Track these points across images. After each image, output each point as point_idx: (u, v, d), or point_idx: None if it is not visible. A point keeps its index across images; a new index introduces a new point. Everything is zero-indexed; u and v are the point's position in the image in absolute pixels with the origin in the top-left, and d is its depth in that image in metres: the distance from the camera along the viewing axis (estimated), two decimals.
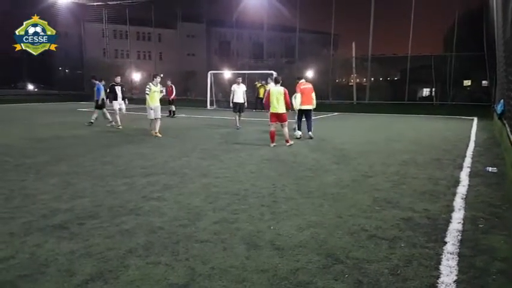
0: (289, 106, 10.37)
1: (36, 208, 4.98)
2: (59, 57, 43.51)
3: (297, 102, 11.64)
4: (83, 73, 39.68)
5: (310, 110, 12.00)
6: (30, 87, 42.99)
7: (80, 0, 36.06)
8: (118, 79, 14.99)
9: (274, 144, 10.19)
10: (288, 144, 10.18)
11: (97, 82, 14.63)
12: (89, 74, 37.40)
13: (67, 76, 44.03)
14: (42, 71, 40.00)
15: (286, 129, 10.35)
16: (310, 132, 11.85)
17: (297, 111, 11.86)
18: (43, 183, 6.23)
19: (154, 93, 12.20)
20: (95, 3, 37.07)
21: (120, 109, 14.76)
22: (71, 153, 9.01)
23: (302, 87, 11.84)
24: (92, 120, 14.72)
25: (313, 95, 11.96)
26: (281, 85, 10.32)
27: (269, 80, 9.93)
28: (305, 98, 11.74)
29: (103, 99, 14.47)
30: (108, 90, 14.92)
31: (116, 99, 14.75)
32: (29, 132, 12.85)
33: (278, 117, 10.22)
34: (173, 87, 20.16)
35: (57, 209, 4.96)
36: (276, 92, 10.15)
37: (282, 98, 10.11)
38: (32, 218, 4.60)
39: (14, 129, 13.74)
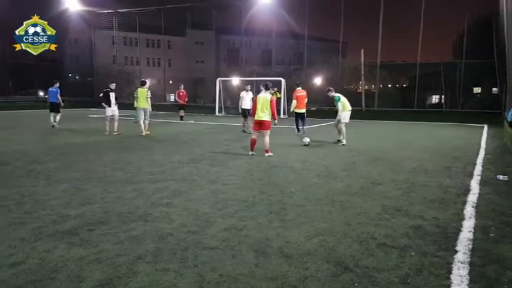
0: (275, 116, 9.88)
1: (46, 214, 5.02)
2: (70, 64, 44.09)
3: (292, 106, 14.53)
4: (93, 80, 40.06)
5: (303, 113, 14.41)
6: (41, 93, 43.42)
7: (91, 8, 36.50)
8: (113, 85, 14.76)
9: (253, 152, 9.84)
10: (266, 154, 9.68)
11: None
12: (100, 80, 37.82)
13: (77, 83, 44.47)
14: (52, 78, 40.36)
15: (267, 139, 9.78)
16: (304, 127, 14.36)
17: (293, 114, 14.39)
18: (53, 189, 6.28)
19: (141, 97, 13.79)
20: (106, 11, 37.51)
21: (113, 116, 14.45)
22: (81, 159, 9.08)
23: (298, 94, 14.29)
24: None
25: (305, 100, 14.39)
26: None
27: (261, 87, 10.42)
28: (299, 103, 14.23)
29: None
30: (101, 95, 14.74)
31: (109, 105, 14.44)
32: (39, 138, 12.98)
33: (261, 125, 9.80)
34: (185, 92, 20.85)
35: (67, 214, 4.99)
36: (262, 99, 9.75)
37: (267, 106, 9.68)
38: (42, 224, 4.64)
39: (25, 135, 13.89)
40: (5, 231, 4.39)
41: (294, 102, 14.36)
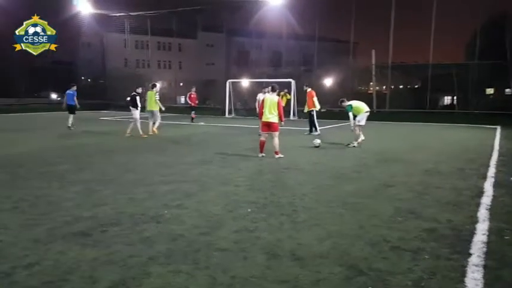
0: (282, 118, 9.85)
1: (59, 215, 5.07)
2: (82, 67, 44.52)
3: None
4: (105, 82, 40.42)
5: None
6: (54, 96, 43.97)
7: (103, 11, 36.84)
8: (139, 90, 15.31)
9: (263, 154, 9.82)
10: (277, 156, 9.63)
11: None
12: (112, 83, 38.16)
13: (90, 85, 44.91)
14: (65, 80, 40.85)
15: (276, 140, 9.73)
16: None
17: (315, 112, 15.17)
18: (66, 191, 6.34)
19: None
20: (118, 14, 37.82)
21: (135, 118, 14.75)
22: (93, 161, 9.17)
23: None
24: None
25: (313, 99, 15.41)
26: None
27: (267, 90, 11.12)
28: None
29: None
30: (128, 99, 15.24)
31: (136, 108, 14.90)
32: (52, 140, 13.14)
33: (269, 127, 9.77)
34: (196, 94, 21.27)
35: (80, 216, 5.04)
36: (269, 100, 9.73)
37: (275, 107, 9.64)
38: (56, 225, 4.68)
39: (38, 137, 14.07)
40: (19, 233, 4.45)
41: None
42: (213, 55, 46.87)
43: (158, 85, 15.86)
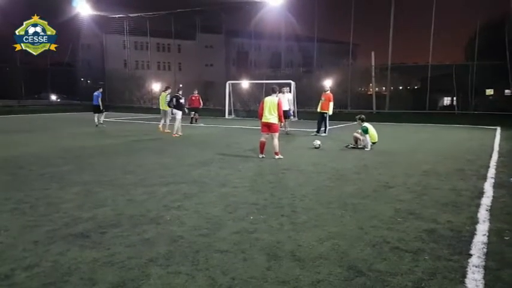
0: (281, 119, 9.93)
1: (59, 217, 5.06)
2: (82, 68, 44.57)
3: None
4: (105, 84, 40.44)
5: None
6: (53, 97, 43.96)
7: (102, 13, 36.87)
8: (180, 92, 16.23)
9: (263, 155, 9.84)
10: (277, 157, 9.66)
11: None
12: (111, 84, 38.17)
13: (89, 87, 44.92)
14: (65, 82, 40.92)
15: (276, 141, 9.76)
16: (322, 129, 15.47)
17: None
18: (66, 192, 6.34)
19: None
20: (117, 16, 37.87)
21: (173, 118, 15.79)
22: (93, 162, 9.16)
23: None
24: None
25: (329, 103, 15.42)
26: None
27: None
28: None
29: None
30: (171, 101, 16.01)
31: (179, 109, 15.62)
32: (52, 142, 13.13)
33: (269, 128, 9.78)
34: (198, 97, 21.54)
35: (79, 217, 5.03)
36: (269, 102, 9.75)
37: (275, 108, 9.64)
38: (55, 227, 4.68)
39: (38, 139, 14.06)
40: (19, 234, 4.44)
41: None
42: (212, 56, 46.92)
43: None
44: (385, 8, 28.58)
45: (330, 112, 15.42)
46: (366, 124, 11.60)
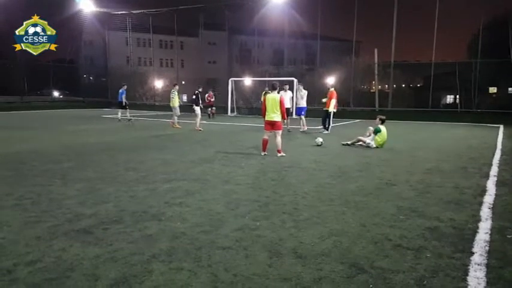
0: (284, 116, 9.91)
1: (61, 213, 5.07)
2: (84, 65, 44.59)
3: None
4: (107, 80, 40.47)
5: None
6: (56, 94, 44.02)
7: (105, 9, 36.87)
8: (200, 89, 17.54)
9: (265, 153, 9.84)
10: (279, 154, 9.66)
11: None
12: (114, 81, 38.24)
13: (92, 83, 44.98)
14: (67, 78, 40.98)
15: (279, 139, 9.78)
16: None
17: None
18: (68, 188, 6.35)
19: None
20: (119, 12, 37.85)
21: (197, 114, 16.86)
22: (95, 159, 9.18)
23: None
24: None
25: (331, 100, 15.33)
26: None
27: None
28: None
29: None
30: (194, 97, 17.23)
31: (197, 105, 16.85)
32: (55, 138, 13.16)
33: (272, 126, 9.79)
34: (212, 95, 24.01)
35: (81, 213, 5.04)
36: (271, 99, 9.71)
37: (277, 106, 9.63)
38: (58, 222, 4.69)
39: (41, 135, 14.09)
40: (21, 230, 4.45)
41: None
42: (215, 53, 46.89)
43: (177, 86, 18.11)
44: (388, 5, 28.48)
45: (330, 109, 15.35)
46: (382, 126, 11.52)
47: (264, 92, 25.01)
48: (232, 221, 4.82)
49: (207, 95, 23.65)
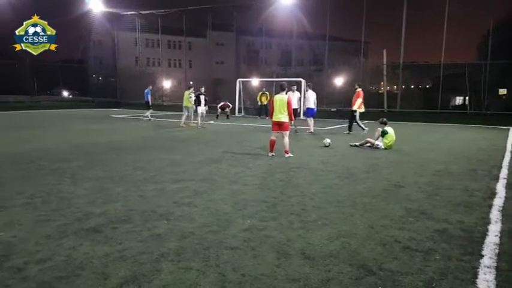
0: (291, 117, 9.82)
1: (71, 211, 5.12)
2: (94, 65, 44.87)
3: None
4: (116, 81, 40.67)
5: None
6: (65, 93, 44.32)
7: (114, 10, 37.09)
8: (202, 89, 18.15)
9: (273, 153, 9.83)
10: (286, 155, 9.71)
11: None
12: (122, 81, 38.48)
13: (101, 83, 45.23)
14: (76, 78, 41.27)
15: (286, 139, 9.77)
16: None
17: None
18: (77, 187, 6.40)
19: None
20: (128, 13, 38.03)
21: (201, 113, 17.86)
22: (104, 158, 9.24)
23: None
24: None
25: (357, 100, 15.84)
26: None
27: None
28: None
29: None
30: (195, 98, 17.85)
31: (199, 105, 17.72)
32: (64, 138, 13.26)
33: (280, 126, 9.78)
34: (227, 105, 24.59)
35: (91, 212, 5.09)
36: (279, 100, 9.69)
37: (284, 107, 9.61)
38: (67, 221, 4.73)
39: (50, 135, 14.22)
40: (32, 228, 4.50)
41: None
42: (222, 54, 46.91)
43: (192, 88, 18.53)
44: (398, 6, 28.30)
45: (354, 108, 15.66)
46: (386, 128, 11.50)
47: (260, 93, 25.32)
48: (240, 221, 4.83)
49: (223, 103, 24.49)
